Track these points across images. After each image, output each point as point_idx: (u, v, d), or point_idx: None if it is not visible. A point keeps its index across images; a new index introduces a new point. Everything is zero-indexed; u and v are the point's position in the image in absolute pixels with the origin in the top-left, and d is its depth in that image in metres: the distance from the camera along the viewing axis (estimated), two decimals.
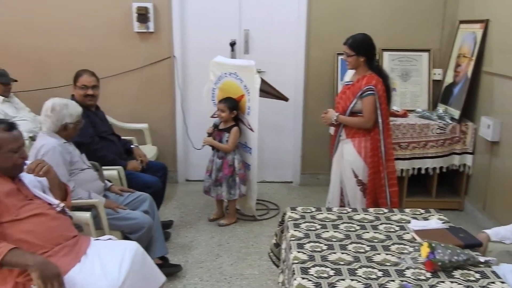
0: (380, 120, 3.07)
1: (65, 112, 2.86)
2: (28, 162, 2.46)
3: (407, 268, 1.90)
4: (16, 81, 4.04)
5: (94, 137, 3.39)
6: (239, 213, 4.10)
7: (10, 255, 1.99)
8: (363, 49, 3.09)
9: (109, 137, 3.59)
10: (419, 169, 4.09)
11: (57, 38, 4.47)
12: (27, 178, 2.41)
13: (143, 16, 4.35)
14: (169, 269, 3.12)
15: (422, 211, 2.49)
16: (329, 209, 2.50)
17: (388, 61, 4.46)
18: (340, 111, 3.17)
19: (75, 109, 2.92)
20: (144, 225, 2.90)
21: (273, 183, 4.87)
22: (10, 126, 2.27)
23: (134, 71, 4.54)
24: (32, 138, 3.71)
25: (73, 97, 3.40)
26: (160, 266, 3.03)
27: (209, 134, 3.81)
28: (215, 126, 3.82)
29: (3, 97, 3.94)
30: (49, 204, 2.38)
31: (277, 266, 2.61)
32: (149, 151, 4.26)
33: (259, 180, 4.10)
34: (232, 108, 3.76)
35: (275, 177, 4.90)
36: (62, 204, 2.43)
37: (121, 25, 4.46)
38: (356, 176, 3.16)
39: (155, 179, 3.51)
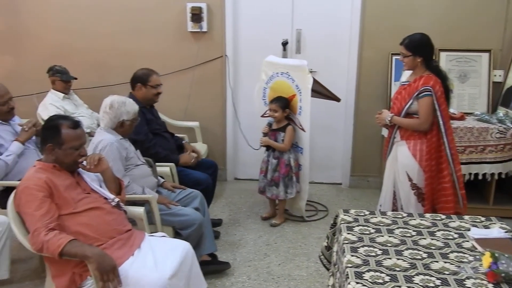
0: (441, 122, 2.97)
1: (122, 109, 2.94)
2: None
3: (467, 278, 1.82)
4: (75, 78, 4.19)
5: (148, 134, 3.47)
6: (287, 213, 4.08)
7: (69, 246, 2.07)
8: (420, 49, 2.99)
9: (163, 134, 3.66)
10: (476, 174, 3.92)
11: (115, 39, 4.62)
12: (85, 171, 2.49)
13: (196, 16, 4.41)
14: (218, 266, 3.15)
15: (483, 218, 2.39)
16: (383, 213, 2.44)
17: (445, 61, 4.30)
18: (395, 112, 3.09)
19: (132, 107, 3.00)
20: (195, 221, 2.94)
21: (322, 184, 4.82)
22: (75, 124, 2.37)
23: (187, 70, 4.61)
24: (89, 134, 3.84)
25: (131, 95, 3.48)
26: (209, 263, 3.09)
27: (265, 134, 3.81)
28: (270, 125, 3.81)
29: (63, 94, 4.11)
30: (105, 198, 2.46)
31: (328, 269, 2.57)
32: (199, 149, 4.30)
33: (309, 181, 4.06)
34: (284, 106, 3.76)
35: (324, 178, 4.84)
36: (116, 199, 2.50)
37: (175, 25, 4.54)
38: (410, 179, 3.07)
39: (206, 176, 3.55)
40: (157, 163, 3.32)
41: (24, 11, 4.64)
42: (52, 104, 4.00)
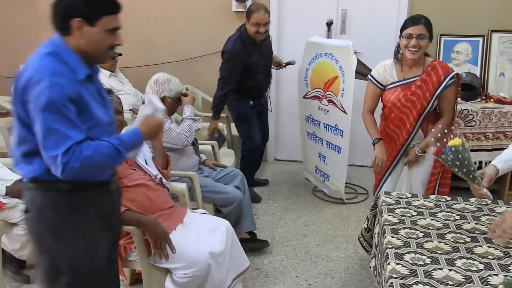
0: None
1: (166, 86, 2.97)
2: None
3: None
4: (120, 54, 4.23)
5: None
6: (326, 195, 4.07)
7: (126, 214, 2.17)
8: (431, 32, 2.65)
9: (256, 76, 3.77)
10: None
11: (162, 18, 4.68)
12: None
13: None
14: (257, 244, 3.20)
15: None
16: (426, 196, 2.39)
17: (497, 43, 4.10)
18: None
19: (176, 86, 3.01)
20: (235, 199, 2.98)
21: (363, 168, 4.76)
22: (109, 91, 2.41)
23: None
24: (134, 111, 3.93)
25: (243, 29, 3.60)
26: (248, 240, 3.13)
27: None
28: None
29: (109, 72, 4.21)
30: (149, 175, 2.52)
31: (367, 251, 2.56)
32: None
33: (349, 164, 4.02)
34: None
35: (365, 161, 4.76)
36: (159, 176, 2.56)
37: (220, 4, 4.56)
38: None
39: None
40: (199, 142, 3.37)
41: None
42: None
